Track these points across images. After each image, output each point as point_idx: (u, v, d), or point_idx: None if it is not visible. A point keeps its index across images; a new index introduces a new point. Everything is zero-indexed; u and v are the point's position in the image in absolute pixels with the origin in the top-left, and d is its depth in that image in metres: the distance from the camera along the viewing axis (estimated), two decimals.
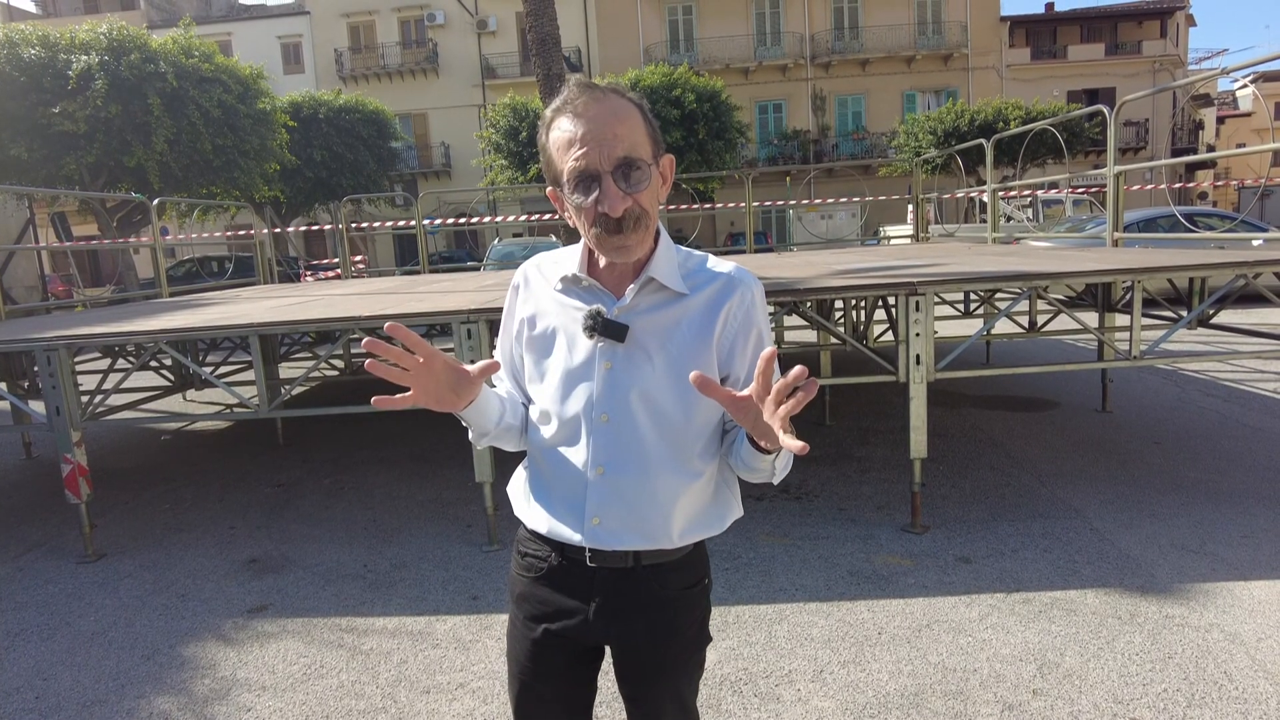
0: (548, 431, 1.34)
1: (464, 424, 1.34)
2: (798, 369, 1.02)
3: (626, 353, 1.27)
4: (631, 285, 1.28)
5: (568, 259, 1.34)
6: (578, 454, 1.30)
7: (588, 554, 1.32)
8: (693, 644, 1.41)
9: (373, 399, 1.20)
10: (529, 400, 1.40)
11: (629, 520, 1.29)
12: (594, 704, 1.48)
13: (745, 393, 1.11)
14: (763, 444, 1.17)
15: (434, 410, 1.25)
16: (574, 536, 1.31)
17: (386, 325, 1.19)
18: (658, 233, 1.31)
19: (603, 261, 1.30)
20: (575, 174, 1.19)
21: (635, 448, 1.28)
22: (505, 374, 1.44)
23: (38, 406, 4.21)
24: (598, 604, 1.34)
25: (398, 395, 1.20)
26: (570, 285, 1.33)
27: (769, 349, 1.08)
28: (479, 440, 1.38)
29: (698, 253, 1.37)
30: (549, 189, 1.28)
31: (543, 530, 1.35)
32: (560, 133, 1.20)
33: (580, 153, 1.17)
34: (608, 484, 1.29)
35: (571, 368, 1.30)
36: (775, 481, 1.28)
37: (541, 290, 1.37)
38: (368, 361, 1.16)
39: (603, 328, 1.25)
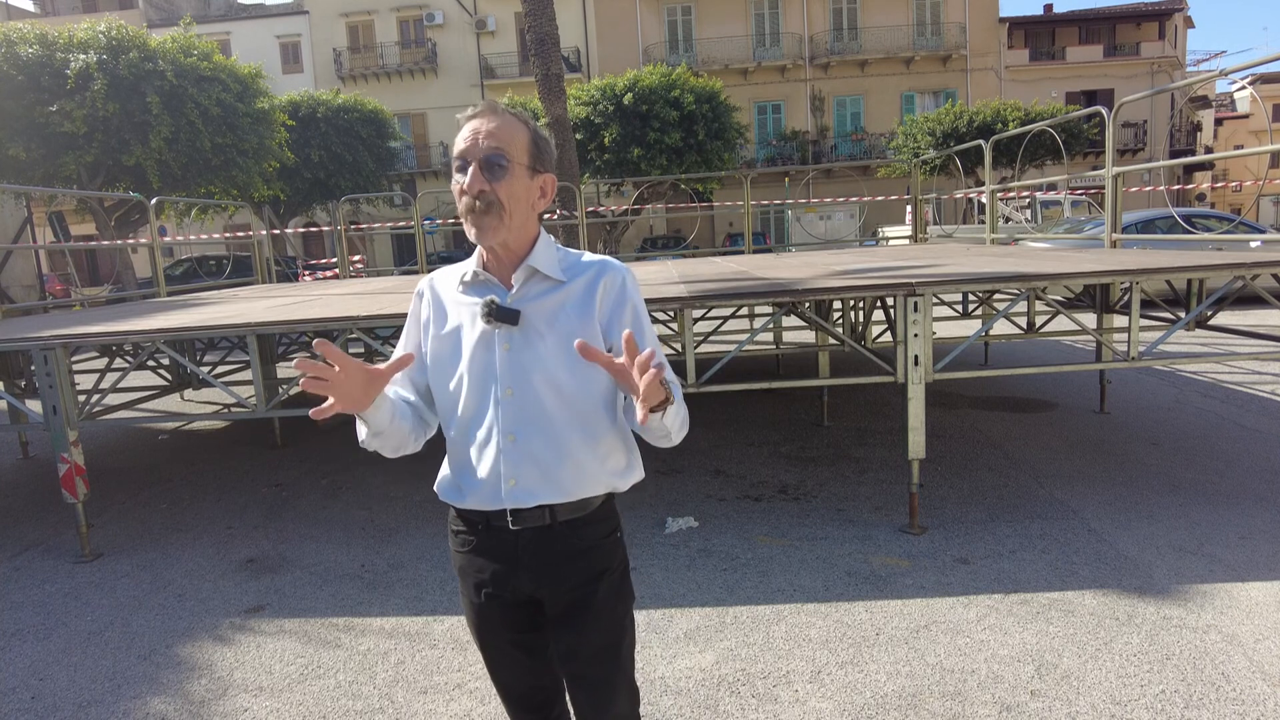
0: (460, 411, 1.51)
1: (360, 422, 1.47)
2: (646, 352, 1.25)
3: (522, 334, 1.47)
4: (517, 274, 1.49)
5: (462, 267, 1.55)
6: (489, 426, 1.48)
7: (509, 517, 1.49)
8: (616, 592, 1.57)
9: (311, 412, 1.37)
10: (430, 397, 1.58)
11: (540, 478, 1.48)
12: (547, 644, 1.61)
13: (620, 361, 1.30)
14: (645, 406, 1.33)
15: (345, 412, 1.38)
16: (495, 501, 1.49)
17: (315, 343, 1.32)
18: (538, 235, 1.52)
19: (492, 262, 1.51)
20: (457, 157, 1.43)
21: (538, 414, 1.47)
22: (403, 375, 1.58)
23: (34, 406, 4.20)
24: (525, 562, 1.51)
25: (324, 406, 1.35)
26: (469, 285, 1.53)
27: (627, 331, 1.30)
28: (371, 439, 1.51)
29: (575, 250, 1.58)
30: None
31: (467, 505, 1.53)
32: (461, 132, 1.45)
33: (464, 145, 1.43)
34: (518, 449, 1.47)
35: (475, 353, 1.49)
36: (674, 441, 1.46)
37: (444, 293, 1.57)
38: (302, 380, 1.31)
39: (498, 314, 1.46)
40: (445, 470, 1.59)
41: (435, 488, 1.60)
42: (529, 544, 1.51)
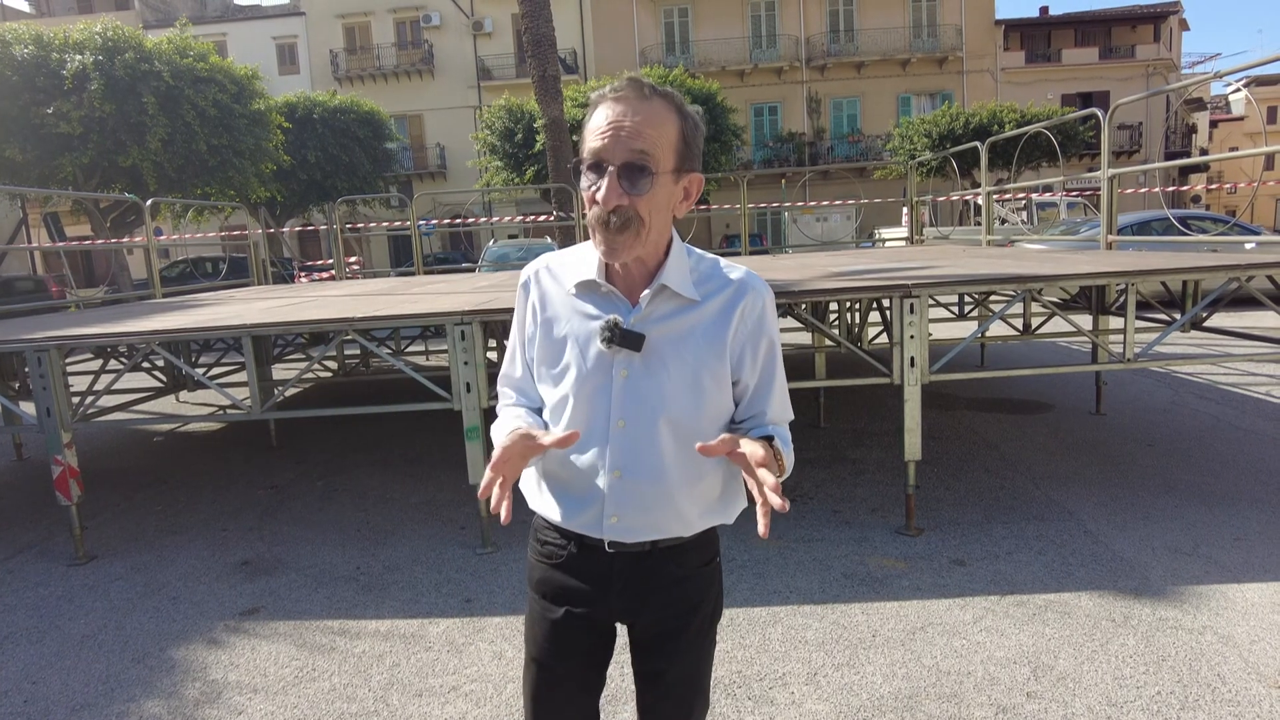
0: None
1: None
2: (773, 482, 1.13)
3: (643, 361, 1.30)
4: (646, 292, 1.30)
5: (580, 262, 1.36)
6: (595, 458, 1.33)
7: (606, 542, 1.37)
8: (709, 620, 1.46)
9: (503, 520, 1.21)
10: (541, 401, 1.43)
11: (646, 519, 1.35)
12: (602, 684, 1.51)
13: (742, 450, 1.20)
14: None
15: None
16: (593, 531, 1.36)
17: (494, 481, 1.21)
18: (671, 240, 1.33)
19: (617, 271, 1.33)
20: (590, 157, 1.22)
21: (651, 452, 1.32)
22: (523, 370, 1.46)
23: (28, 408, 4.19)
24: (619, 588, 1.39)
25: (505, 506, 1.21)
26: (586, 291, 1.34)
27: (763, 454, 1.18)
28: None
29: (709, 255, 1.39)
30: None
31: (561, 523, 1.39)
32: (596, 117, 1.23)
33: (600, 142, 1.21)
34: (625, 486, 1.33)
35: (588, 375, 1.32)
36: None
37: (554, 293, 1.38)
38: (502, 509, 1.19)
39: (620, 338, 1.28)
40: (538, 480, 1.43)
41: (523, 488, 1.45)
42: (624, 569, 1.38)
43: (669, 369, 1.30)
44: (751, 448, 1.20)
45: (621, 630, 1.48)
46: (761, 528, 1.14)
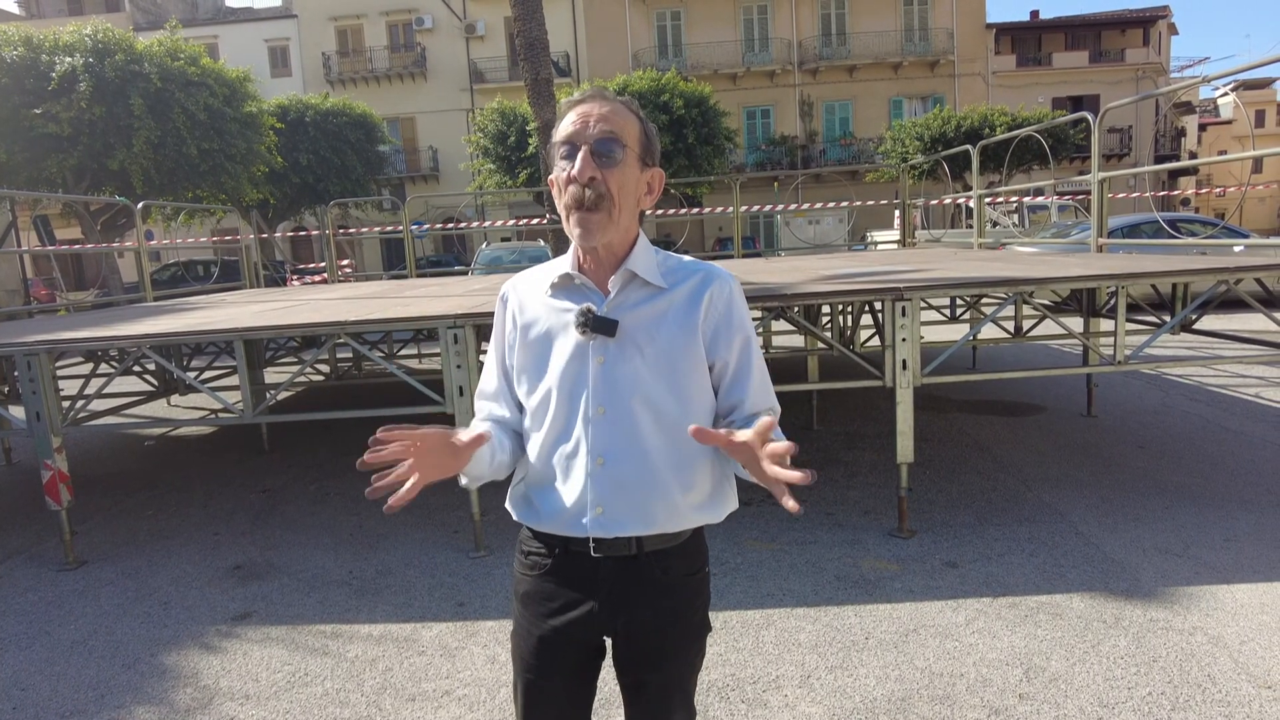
0: (546, 429, 1.38)
1: (461, 477, 1.38)
2: (784, 445, 1.12)
3: (618, 347, 1.34)
4: (614, 278, 1.36)
5: (553, 269, 1.43)
6: (577, 447, 1.36)
7: (591, 545, 1.36)
8: (696, 631, 1.45)
9: (387, 506, 1.20)
10: (520, 408, 1.45)
11: (630, 508, 1.35)
12: (594, 703, 1.51)
13: (741, 439, 1.18)
14: (753, 479, 1.22)
15: (437, 480, 1.27)
16: (577, 528, 1.36)
17: (379, 432, 1.20)
18: (638, 236, 1.40)
19: (589, 263, 1.39)
20: (563, 141, 1.32)
21: (632, 437, 1.34)
22: (498, 383, 1.49)
23: (18, 412, 4.16)
24: (603, 594, 1.38)
25: (405, 488, 1.20)
26: (560, 288, 1.40)
27: (768, 419, 1.16)
28: (473, 483, 1.42)
29: (674, 254, 1.45)
30: (550, 177, 1.37)
31: (545, 528, 1.40)
32: (565, 119, 1.34)
33: (573, 129, 1.31)
34: (608, 474, 1.34)
35: (566, 365, 1.36)
36: None
37: (530, 298, 1.43)
38: (375, 484, 1.19)
39: (594, 324, 1.33)
40: (520, 487, 1.45)
41: (507, 504, 1.48)
42: (610, 574, 1.37)
43: (643, 353, 1.34)
44: (746, 434, 1.19)
45: (607, 640, 1.47)
46: (791, 504, 1.11)
